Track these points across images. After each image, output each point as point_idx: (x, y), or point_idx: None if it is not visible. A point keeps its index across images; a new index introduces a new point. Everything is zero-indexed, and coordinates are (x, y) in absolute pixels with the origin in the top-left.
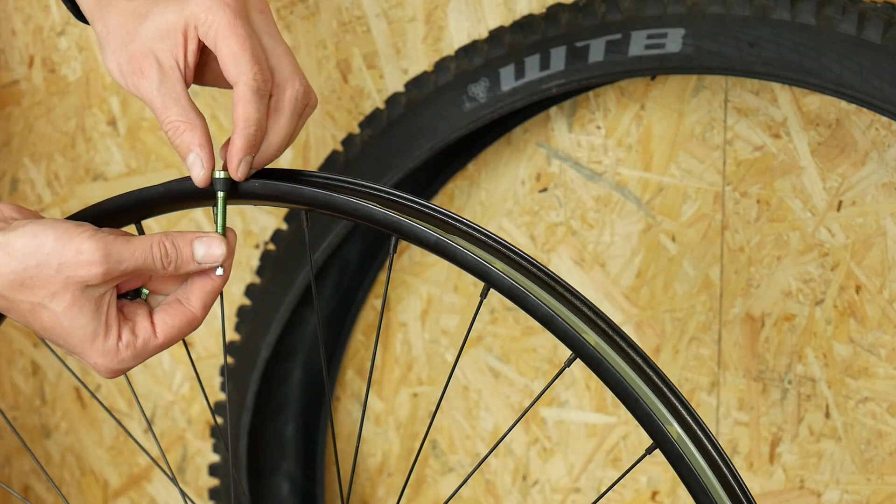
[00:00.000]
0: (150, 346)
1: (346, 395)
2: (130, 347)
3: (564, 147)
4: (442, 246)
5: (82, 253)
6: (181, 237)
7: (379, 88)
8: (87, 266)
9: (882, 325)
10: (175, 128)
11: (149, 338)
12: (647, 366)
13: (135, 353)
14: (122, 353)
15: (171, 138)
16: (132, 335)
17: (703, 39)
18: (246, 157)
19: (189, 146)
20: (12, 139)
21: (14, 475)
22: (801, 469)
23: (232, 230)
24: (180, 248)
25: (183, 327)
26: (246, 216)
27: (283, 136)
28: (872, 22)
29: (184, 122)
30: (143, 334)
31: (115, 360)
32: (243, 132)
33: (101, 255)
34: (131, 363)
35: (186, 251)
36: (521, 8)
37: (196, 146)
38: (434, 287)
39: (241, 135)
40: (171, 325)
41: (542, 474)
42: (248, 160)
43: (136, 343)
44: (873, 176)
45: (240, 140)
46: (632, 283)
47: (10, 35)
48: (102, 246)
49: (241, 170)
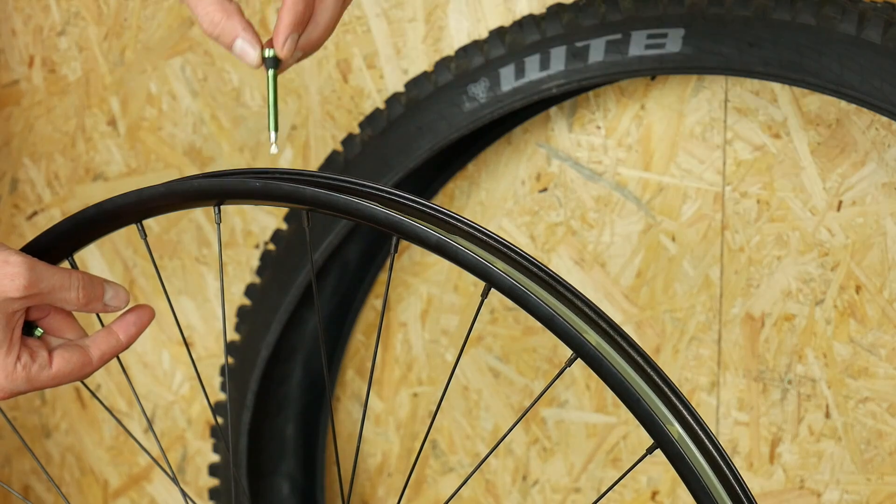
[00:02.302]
0: (41, 376)
1: (346, 395)
2: (26, 369)
3: (564, 147)
4: (443, 246)
5: (9, 264)
6: (96, 277)
7: (379, 88)
8: (10, 278)
9: (882, 325)
10: (212, 19)
11: (44, 365)
12: (649, 365)
13: (28, 376)
14: (17, 373)
15: (210, 31)
16: (30, 359)
17: (703, 39)
18: (293, 34)
19: (232, 33)
20: (12, 139)
21: (14, 475)
22: (801, 469)
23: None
24: (95, 284)
25: (76, 368)
26: (246, 216)
27: (330, 18)
28: (872, 22)
29: (219, 11)
30: (40, 361)
31: (10, 377)
32: (291, 9)
33: (27, 269)
34: (21, 387)
35: (99, 289)
36: (521, 8)
37: (240, 30)
38: (434, 287)
39: (290, 11)
40: (67, 360)
41: (542, 474)
42: (294, 38)
43: (32, 368)
44: (873, 176)
45: (287, 17)
46: (632, 283)
47: (10, 35)
48: (28, 262)
49: (288, 46)
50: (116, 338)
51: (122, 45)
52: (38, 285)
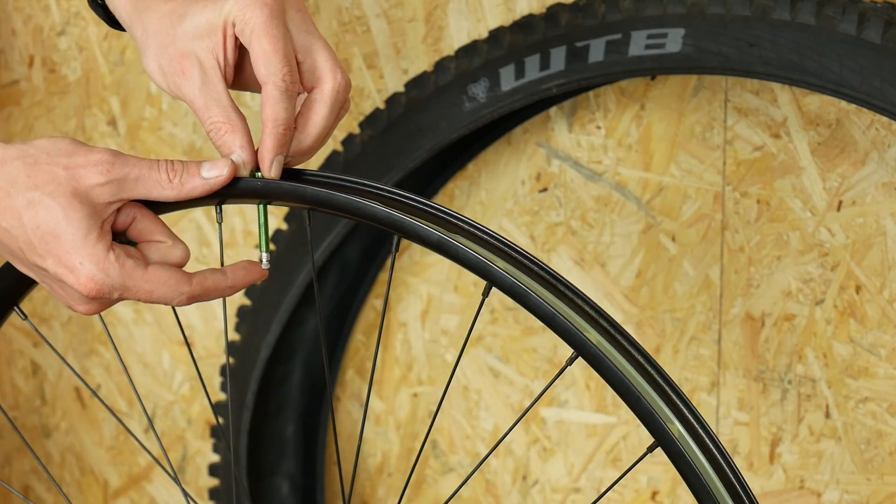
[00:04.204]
0: (136, 273)
1: (346, 395)
2: (119, 260)
3: (564, 147)
4: (444, 244)
5: (92, 153)
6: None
7: (379, 88)
8: (94, 164)
9: (882, 325)
10: (217, 128)
11: (139, 264)
12: (649, 364)
13: (121, 267)
14: (110, 261)
15: (213, 139)
16: (124, 253)
17: (703, 39)
18: (278, 156)
19: (231, 147)
20: (12, 139)
21: (14, 475)
22: (801, 469)
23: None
24: (187, 164)
25: (173, 281)
26: (246, 216)
27: (322, 129)
28: (872, 22)
29: (225, 123)
30: (135, 257)
31: (101, 265)
32: (272, 132)
33: (110, 154)
34: (115, 278)
35: (193, 166)
36: (521, 8)
37: (238, 147)
38: (434, 287)
39: (271, 135)
40: (165, 268)
41: (542, 474)
42: (280, 159)
43: (126, 261)
44: (873, 176)
45: (270, 140)
46: (632, 283)
47: (10, 35)
48: (112, 152)
49: (275, 169)
50: (224, 275)
51: (122, 45)
52: (123, 169)
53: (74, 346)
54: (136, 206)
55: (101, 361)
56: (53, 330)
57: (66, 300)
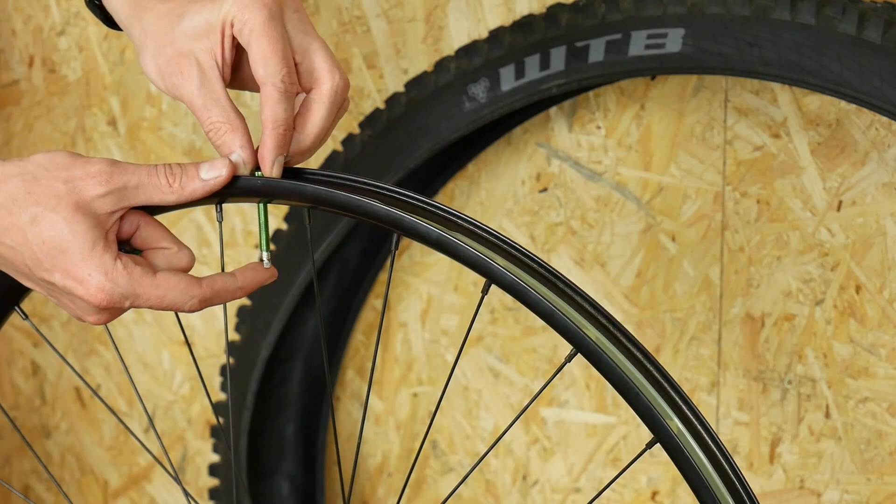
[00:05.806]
0: (144, 281)
1: (346, 395)
2: (127, 268)
3: (564, 147)
4: (444, 242)
5: (90, 164)
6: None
7: (379, 88)
8: (92, 175)
9: (882, 325)
10: (216, 128)
11: (147, 271)
12: (648, 361)
13: (129, 276)
14: (118, 270)
15: (213, 139)
16: (131, 262)
17: (703, 39)
18: (278, 156)
19: (230, 147)
20: (12, 139)
21: (14, 475)
22: (801, 469)
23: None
24: (185, 167)
25: (182, 286)
26: (246, 216)
27: (321, 129)
28: (872, 22)
29: (225, 123)
30: (143, 265)
31: (109, 275)
32: (272, 133)
33: (108, 164)
34: (124, 287)
35: (191, 168)
36: (521, 8)
37: (238, 147)
38: (434, 287)
39: (271, 136)
40: (173, 273)
41: (542, 474)
42: (281, 159)
43: (134, 269)
44: (873, 176)
45: (270, 141)
46: (632, 283)
47: (10, 35)
48: (109, 162)
49: (276, 169)
50: (233, 277)
51: (122, 45)
52: (122, 177)
53: (74, 346)
54: (139, 214)
55: (101, 361)
56: (53, 330)
57: (75, 312)
